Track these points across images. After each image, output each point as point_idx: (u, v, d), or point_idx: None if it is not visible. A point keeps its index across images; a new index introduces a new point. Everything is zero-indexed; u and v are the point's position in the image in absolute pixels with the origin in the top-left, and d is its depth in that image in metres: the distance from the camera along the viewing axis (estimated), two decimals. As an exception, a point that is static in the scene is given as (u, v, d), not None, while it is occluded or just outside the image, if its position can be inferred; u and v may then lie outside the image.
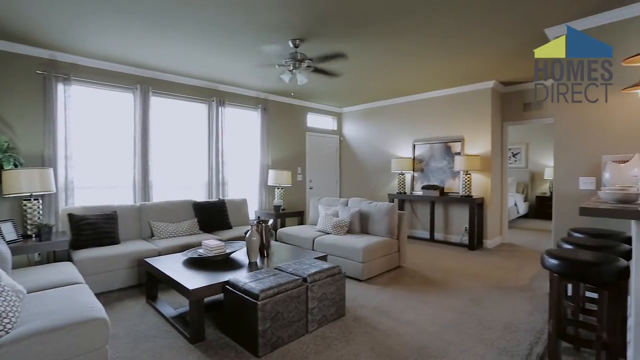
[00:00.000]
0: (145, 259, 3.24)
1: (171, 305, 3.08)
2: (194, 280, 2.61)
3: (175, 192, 5.28)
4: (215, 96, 5.61)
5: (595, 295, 2.45)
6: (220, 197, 5.56)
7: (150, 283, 3.18)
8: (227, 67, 4.84)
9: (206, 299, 2.83)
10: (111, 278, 3.40)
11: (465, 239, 5.56)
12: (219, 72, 5.08)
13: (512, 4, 3.05)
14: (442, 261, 4.70)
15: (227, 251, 3.17)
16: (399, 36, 3.75)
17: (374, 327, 2.70)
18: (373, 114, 7.29)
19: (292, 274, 2.70)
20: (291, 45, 3.87)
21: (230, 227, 4.86)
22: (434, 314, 2.96)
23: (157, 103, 5.06)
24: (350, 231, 4.42)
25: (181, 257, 3.24)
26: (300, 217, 6.13)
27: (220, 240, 3.77)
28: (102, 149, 4.60)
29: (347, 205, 4.77)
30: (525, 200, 9.11)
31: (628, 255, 2.16)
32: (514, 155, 9.45)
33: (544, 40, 3.70)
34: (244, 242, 3.30)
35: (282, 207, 5.90)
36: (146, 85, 4.82)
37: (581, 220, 3.04)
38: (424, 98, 6.33)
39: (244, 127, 6.18)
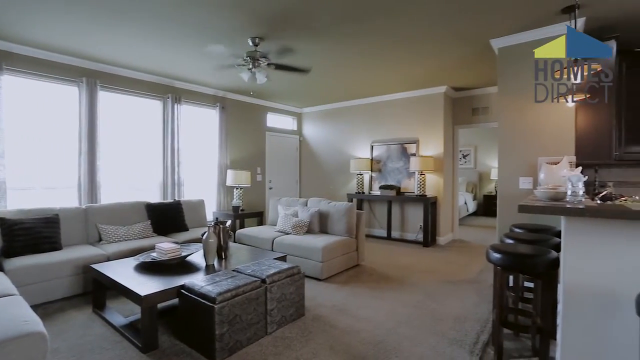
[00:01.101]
0: (92, 265, 3.03)
1: (121, 313, 2.90)
2: (146, 285, 2.49)
3: (127, 193, 4.99)
4: (170, 93, 5.38)
5: (532, 285, 2.68)
6: (176, 198, 5.35)
7: (97, 291, 2.98)
8: (183, 64, 4.67)
9: (160, 305, 2.72)
10: (51, 287, 3.13)
11: (420, 237, 5.82)
12: (175, 68, 4.89)
13: (460, 16, 3.25)
14: (399, 258, 4.88)
15: (183, 254, 3.06)
16: (358, 39, 3.84)
17: (332, 326, 2.74)
18: (333, 115, 7.39)
19: (250, 275, 2.67)
20: (250, 43, 3.82)
21: (186, 229, 4.69)
22: (390, 309, 3.07)
23: (106, 98, 4.75)
24: (309, 231, 4.45)
25: (132, 261, 3.07)
26: (259, 217, 6.06)
27: (176, 243, 3.63)
28: (42, 146, 4.23)
29: (306, 205, 4.80)
30: (474, 199, 9.72)
31: (558, 248, 2.39)
32: (464, 157, 10.05)
33: (490, 50, 3.99)
34: (201, 245, 3.20)
35: (241, 208, 5.80)
36: (93, 78, 4.50)
37: (522, 217, 3.30)
38: (382, 100, 6.53)
39: (201, 125, 5.99)
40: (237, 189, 5.87)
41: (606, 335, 1.75)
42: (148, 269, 2.89)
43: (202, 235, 3.07)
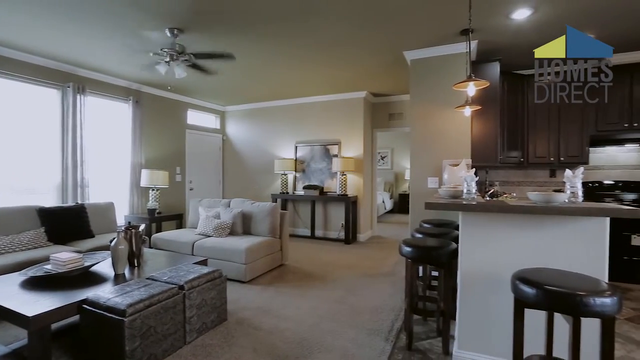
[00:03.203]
0: (-39, 285, 2.51)
1: (1, 341, 2.46)
2: (36, 304, 2.13)
3: (13, 196, 4.25)
4: (72, 81, 4.73)
5: (437, 274, 3.01)
6: (79, 202, 4.72)
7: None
8: (88, 49, 4.15)
9: (56, 326, 2.38)
10: None
11: (342, 235, 6.09)
12: (78, 54, 4.31)
13: (377, 27, 3.50)
14: (322, 256, 5.03)
15: (86, 264, 2.72)
16: (283, 40, 3.87)
17: (256, 328, 2.72)
18: (257, 114, 7.29)
19: (167, 282, 2.50)
20: (169, 34, 3.57)
21: (91, 236, 4.18)
22: (313, 306, 3.16)
23: (-19, 84, 3.98)
24: (232, 233, 4.33)
25: (18, 277, 2.62)
26: (178, 220, 5.69)
27: (78, 252, 3.22)
28: None
29: (229, 207, 4.66)
30: (391, 197, 10.50)
31: (457, 240, 2.73)
32: (382, 158, 10.79)
33: (403, 60, 4.35)
34: (110, 252, 2.88)
35: (157, 211, 5.37)
36: (-37, 59, 3.74)
37: (430, 213, 3.69)
38: (306, 102, 6.66)
39: (111, 120, 5.40)
40: (153, 190, 5.42)
41: (491, 310, 2.06)
42: (40, 284, 2.50)
43: (111, 241, 2.78)
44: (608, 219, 1.85)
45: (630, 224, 3.77)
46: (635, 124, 3.97)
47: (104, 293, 2.25)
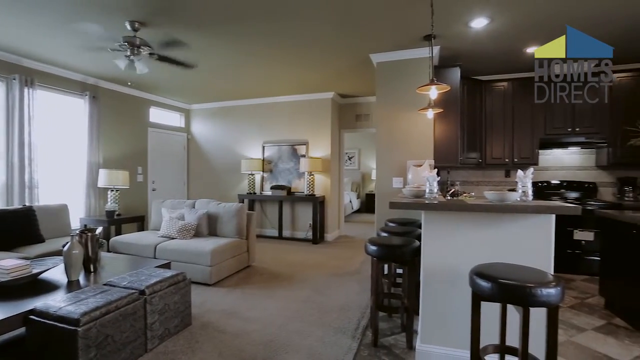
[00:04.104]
0: None
1: None
2: (-29, 317, 1.95)
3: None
4: (18, 73, 4.38)
5: (401, 271, 3.10)
6: (27, 204, 4.38)
7: None
8: (35, 38, 3.86)
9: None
10: None
11: (310, 234, 6.11)
12: (24, 43, 3.99)
13: (344, 28, 3.55)
14: (289, 256, 5.02)
15: (34, 271, 2.54)
16: (251, 39, 3.82)
17: (222, 331, 2.66)
18: (223, 113, 7.14)
19: (126, 287, 2.39)
20: (129, 27, 3.40)
21: (41, 241, 3.89)
22: (280, 307, 3.14)
23: None
24: (197, 234, 4.21)
25: (-46, 287, 2.39)
26: (140, 222, 5.44)
27: (25, 258, 2.99)
28: None
29: (194, 207, 4.53)
30: (358, 197, 10.67)
31: (421, 238, 2.82)
32: (349, 159, 10.94)
33: (370, 63, 4.44)
34: (62, 258, 2.70)
35: (117, 213, 5.11)
36: None
37: (395, 212, 3.78)
38: (274, 102, 6.61)
39: (64, 116, 5.07)
40: (112, 190, 5.15)
41: (452, 304, 2.16)
42: (-20, 294, 2.30)
43: (63, 246, 2.61)
44: (554, 215, 2.00)
45: (572, 220, 4.10)
46: (577, 129, 4.33)
47: (55, 302, 2.11)
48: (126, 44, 3.47)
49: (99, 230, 2.98)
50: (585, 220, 4.04)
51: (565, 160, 4.77)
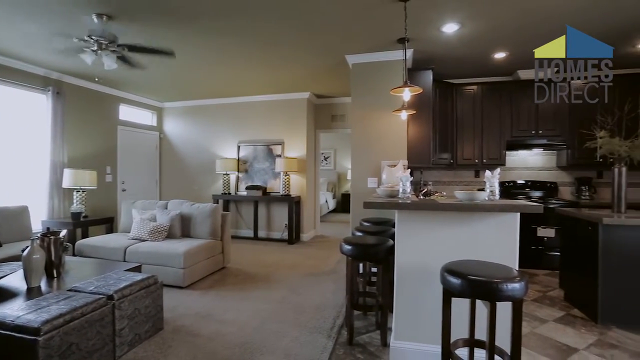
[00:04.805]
0: None
1: None
2: None
3: None
4: (-31, 67, 4.09)
5: (376, 270, 3.15)
6: (-20, 206, 4.10)
7: None
8: (-10, 31, 3.62)
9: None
10: None
11: (286, 235, 6.09)
12: (-24, 36, 3.74)
13: (320, 29, 3.56)
14: (265, 257, 4.98)
15: (-10, 278, 2.38)
16: (225, 37, 3.77)
17: (196, 335, 2.61)
18: (197, 112, 6.98)
19: (93, 293, 2.29)
20: (96, 20, 3.25)
21: (-3, 245, 3.66)
22: (256, 308, 3.12)
23: None
24: (170, 236, 4.10)
25: None
26: (109, 224, 5.22)
27: (-21, 264, 2.79)
28: None
29: (166, 208, 4.41)
30: (334, 197, 10.75)
31: (394, 237, 2.88)
32: (325, 159, 10.99)
33: (345, 64, 4.48)
34: (22, 263, 2.55)
35: (83, 214, 4.87)
36: None
37: (370, 212, 3.84)
38: (249, 101, 6.54)
39: (24, 112, 4.78)
40: (79, 191, 4.91)
41: (424, 301, 2.22)
42: None
43: (23, 250, 2.46)
44: (519, 214, 2.10)
45: (536, 218, 4.31)
46: (541, 131, 4.56)
47: (12, 311, 1.98)
48: (93, 37, 3.32)
49: (63, 233, 2.84)
50: (547, 218, 4.27)
51: (530, 161, 5.01)
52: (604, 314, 2.81)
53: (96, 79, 5.33)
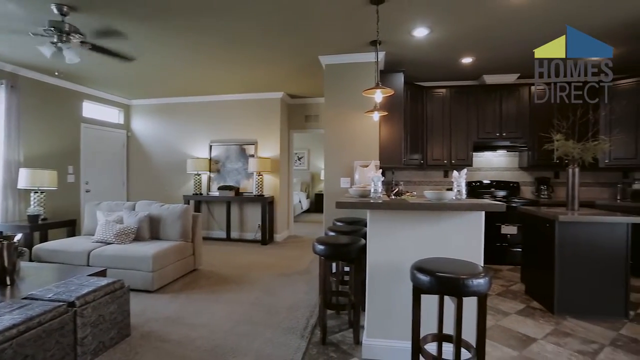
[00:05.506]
0: None
1: None
2: None
3: None
4: None
5: (349, 269, 3.19)
6: None
7: None
8: None
9: None
10: None
11: (259, 235, 6.03)
12: None
13: (293, 29, 3.55)
14: (238, 258, 4.91)
15: None
16: (195, 33, 3.67)
17: (164, 340, 2.53)
18: (168, 110, 6.77)
19: (52, 300, 2.16)
20: (55, 11, 3.07)
21: (-58, 251, 3.37)
22: (228, 310, 3.07)
23: None
24: (138, 238, 3.95)
25: None
26: (71, 227, 4.94)
27: None
28: None
29: (134, 210, 4.24)
30: (308, 197, 10.75)
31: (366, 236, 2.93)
32: (298, 159, 10.98)
33: (319, 64, 4.50)
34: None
35: (42, 217, 4.58)
36: None
37: (343, 212, 3.88)
38: (221, 100, 6.42)
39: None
40: (37, 192, 4.61)
41: (395, 298, 2.28)
42: None
43: (-28, 256, 2.30)
44: (484, 212, 2.20)
45: (500, 216, 4.52)
46: (504, 134, 4.79)
47: (-39, 321, 1.84)
48: (52, 29, 3.13)
49: (18, 237, 2.68)
50: (510, 216, 4.48)
51: (494, 162, 5.25)
52: (559, 305, 3.00)
53: (56, 73, 5.04)
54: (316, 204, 10.67)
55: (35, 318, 1.91)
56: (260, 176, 5.96)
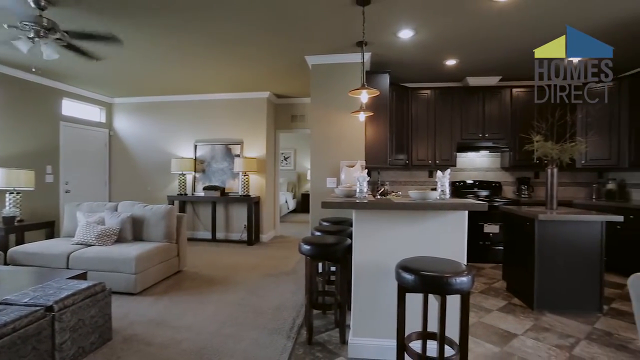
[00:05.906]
0: None
1: None
2: None
3: None
4: None
5: (335, 269, 3.20)
6: None
7: None
8: None
9: None
10: None
11: (245, 236, 5.99)
12: None
13: (279, 28, 3.54)
14: (223, 259, 4.87)
15: None
16: (180, 32, 3.62)
17: (148, 343, 2.49)
18: (152, 109, 6.64)
19: (28, 305, 2.09)
20: (33, 4, 2.96)
21: None
22: (214, 312, 3.03)
23: None
24: (120, 240, 3.87)
25: None
26: (49, 229, 4.79)
27: None
28: None
29: (116, 210, 4.15)
30: (294, 197, 10.73)
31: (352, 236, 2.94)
32: (285, 159, 10.95)
33: (305, 65, 4.50)
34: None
35: (18, 218, 4.43)
36: None
37: (329, 212, 3.88)
38: (207, 99, 6.34)
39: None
40: (12, 193, 4.46)
41: (380, 296, 2.30)
42: None
43: (-57, 260, 2.20)
44: (467, 211, 2.24)
45: (482, 215, 4.62)
46: (487, 135, 4.90)
47: None
48: (30, 23, 3.02)
49: (-6, 239, 2.57)
50: (492, 215, 4.59)
51: (477, 162, 5.36)
52: (538, 301, 3.09)
53: (33, 70, 4.87)
54: (302, 204, 10.66)
55: (10, 324, 1.84)
56: (246, 176, 5.91)
